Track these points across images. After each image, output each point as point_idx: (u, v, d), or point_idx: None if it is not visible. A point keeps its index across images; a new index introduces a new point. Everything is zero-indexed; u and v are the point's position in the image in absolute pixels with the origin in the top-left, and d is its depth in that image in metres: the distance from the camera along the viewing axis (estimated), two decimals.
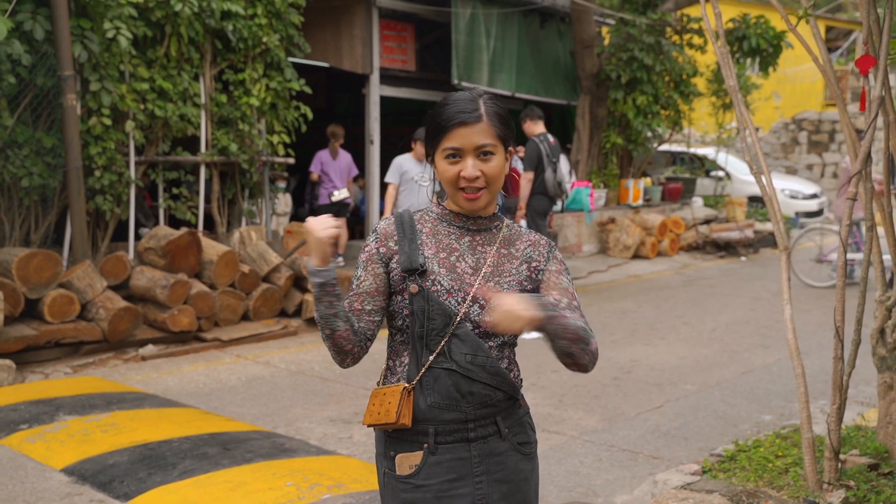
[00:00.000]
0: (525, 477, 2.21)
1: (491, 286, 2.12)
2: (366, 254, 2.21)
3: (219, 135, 9.05)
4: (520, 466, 2.20)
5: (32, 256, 6.97)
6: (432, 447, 2.13)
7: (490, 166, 2.12)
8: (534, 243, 2.24)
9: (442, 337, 2.11)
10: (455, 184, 2.14)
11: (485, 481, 2.15)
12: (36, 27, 7.26)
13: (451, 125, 2.11)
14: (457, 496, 2.13)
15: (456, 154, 2.12)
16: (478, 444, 2.15)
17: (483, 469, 2.15)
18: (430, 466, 2.13)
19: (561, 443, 5.30)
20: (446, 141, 2.12)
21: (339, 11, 11.78)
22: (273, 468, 4.68)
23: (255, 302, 8.37)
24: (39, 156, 7.63)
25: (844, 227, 3.83)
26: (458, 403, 2.12)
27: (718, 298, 10.52)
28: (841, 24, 27.69)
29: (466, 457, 2.14)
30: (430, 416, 2.12)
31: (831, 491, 3.80)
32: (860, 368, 5.36)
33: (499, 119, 2.14)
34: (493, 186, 2.15)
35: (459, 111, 2.11)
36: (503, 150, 2.16)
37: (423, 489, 2.13)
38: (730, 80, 3.95)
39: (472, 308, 2.12)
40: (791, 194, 17.80)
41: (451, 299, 2.12)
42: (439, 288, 2.13)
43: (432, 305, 2.11)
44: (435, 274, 2.14)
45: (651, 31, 13.72)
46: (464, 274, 2.15)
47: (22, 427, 5.40)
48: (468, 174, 2.11)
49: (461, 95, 2.16)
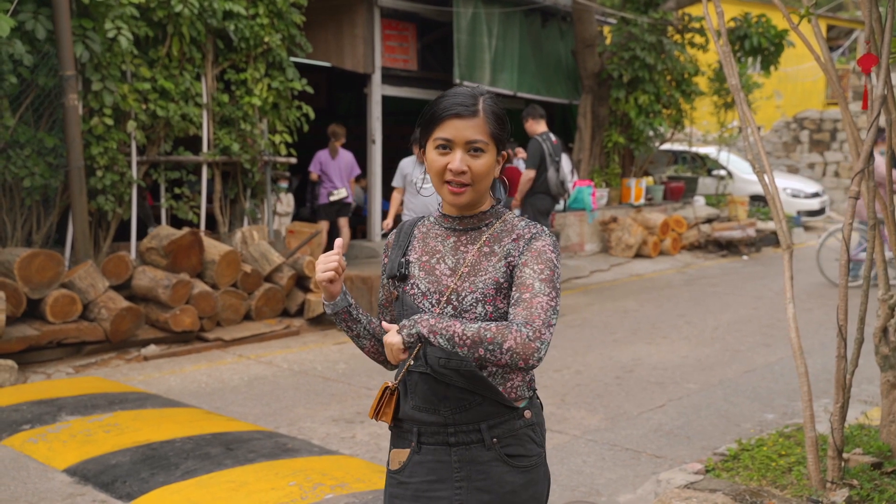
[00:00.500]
0: (513, 490, 2.13)
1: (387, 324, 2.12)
2: (382, 265, 2.32)
3: (221, 135, 9.05)
4: (506, 478, 2.13)
5: (34, 257, 6.97)
6: (416, 447, 2.16)
7: (478, 163, 2.09)
8: (518, 237, 2.13)
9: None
10: (441, 176, 2.11)
11: (465, 488, 2.12)
12: (37, 27, 7.26)
13: (446, 116, 2.09)
14: (435, 498, 2.13)
15: (447, 145, 2.10)
16: (459, 449, 2.13)
17: (463, 475, 2.12)
18: (414, 465, 2.16)
19: (563, 442, 5.30)
20: (439, 131, 2.10)
21: (340, 11, 11.79)
22: (276, 468, 4.68)
23: (257, 302, 8.37)
24: (41, 156, 7.63)
25: (846, 226, 3.82)
26: (436, 406, 2.13)
27: (720, 297, 10.52)
28: (842, 23, 27.66)
29: (447, 461, 2.13)
30: (412, 416, 2.16)
31: (835, 490, 3.79)
32: (863, 367, 5.36)
33: (495, 118, 2.12)
34: (478, 185, 2.11)
35: (457, 103, 2.10)
36: (495, 150, 2.13)
37: (404, 486, 2.17)
38: (732, 78, 3.95)
39: (445, 309, 2.11)
40: (793, 193, 17.78)
41: (425, 302, 2.13)
42: (416, 291, 2.15)
43: (406, 310, 2.15)
44: (415, 278, 2.16)
45: (653, 31, 13.71)
46: (441, 276, 2.15)
47: (24, 427, 5.40)
48: (455, 167, 2.08)
49: (462, 90, 2.15)
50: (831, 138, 21.79)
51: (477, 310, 2.08)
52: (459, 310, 2.10)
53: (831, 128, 21.81)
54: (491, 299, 2.08)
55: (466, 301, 2.09)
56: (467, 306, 2.09)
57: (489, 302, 2.08)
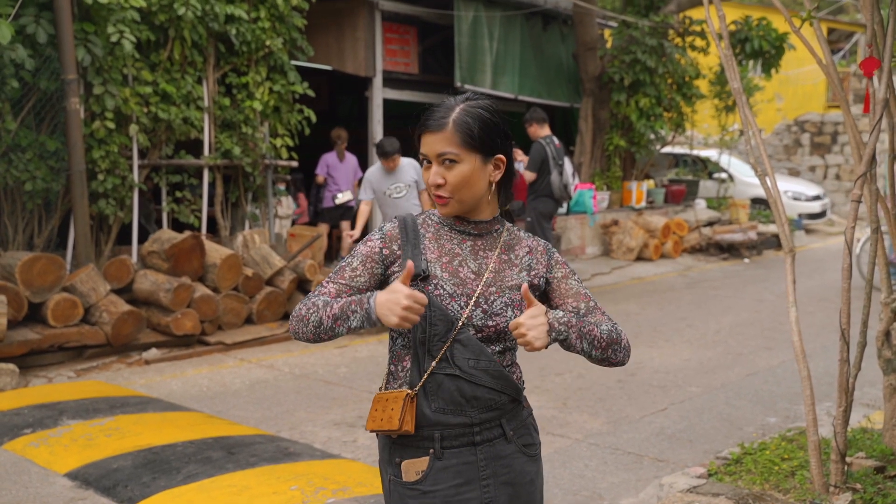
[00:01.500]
0: (531, 479, 2.22)
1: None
2: (367, 248, 2.19)
3: (222, 138, 9.06)
4: (525, 468, 2.21)
5: (36, 260, 6.97)
6: (438, 452, 2.12)
7: (452, 174, 2.13)
8: (532, 250, 2.25)
9: (444, 342, 2.11)
10: (429, 188, 2.19)
11: (492, 485, 2.15)
12: (39, 31, 7.27)
13: (421, 131, 2.18)
14: (464, 501, 2.12)
15: (427, 159, 2.18)
16: (484, 447, 2.15)
17: (490, 472, 2.15)
18: (437, 472, 2.12)
19: (565, 446, 5.29)
20: (420, 146, 2.19)
21: (341, 14, 11.79)
22: (277, 472, 4.67)
23: (258, 305, 8.37)
24: (43, 159, 7.64)
25: (849, 229, 3.82)
26: (462, 408, 2.12)
27: (722, 300, 10.51)
28: (843, 26, 27.68)
29: (473, 461, 2.14)
30: (435, 421, 2.11)
31: (838, 494, 3.78)
32: (865, 371, 5.36)
33: (465, 128, 2.12)
34: (459, 194, 2.15)
35: (429, 118, 2.16)
36: (475, 158, 2.14)
37: (430, 495, 2.12)
38: (734, 82, 3.94)
39: (474, 312, 2.13)
40: (794, 196, 17.78)
41: (453, 304, 2.13)
42: (442, 293, 2.13)
43: (434, 311, 2.10)
44: (438, 279, 2.14)
45: (654, 34, 13.71)
46: (466, 279, 2.16)
47: (25, 431, 5.39)
48: (430, 181, 2.16)
49: (444, 102, 2.19)
50: (832, 141, 21.78)
51: (507, 314, 2.15)
52: (489, 313, 2.14)
53: (832, 131, 21.81)
54: (518, 304, 2.16)
55: (496, 305, 2.15)
56: (497, 310, 2.15)
57: (517, 307, 2.16)
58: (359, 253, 2.19)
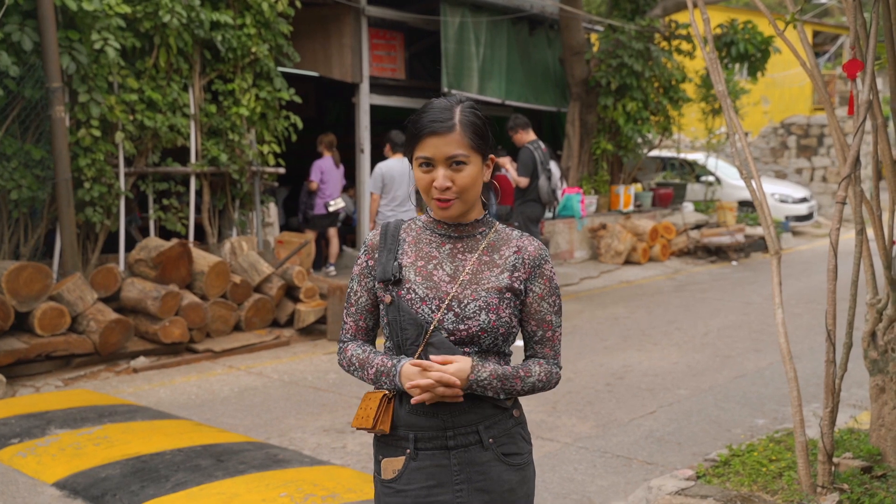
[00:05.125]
0: (510, 488, 2.19)
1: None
2: (358, 267, 2.27)
3: (209, 145, 9.04)
4: (504, 477, 2.18)
5: (22, 269, 6.94)
6: (413, 453, 2.15)
7: (461, 176, 2.11)
8: (520, 250, 2.20)
9: (417, 346, 2.13)
10: (428, 192, 2.15)
11: (465, 490, 2.14)
12: (23, 39, 7.24)
13: (424, 134, 2.12)
14: (436, 503, 2.14)
15: (429, 163, 2.12)
16: (458, 452, 2.15)
17: (464, 478, 2.15)
18: (411, 472, 2.15)
19: (555, 450, 5.30)
20: (419, 150, 2.13)
21: (328, 21, 11.79)
22: (266, 479, 4.66)
23: (246, 312, 8.35)
24: (28, 168, 7.60)
25: (834, 230, 3.83)
26: (435, 410, 2.13)
27: (710, 303, 10.54)
28: (828, 29, 27.84)
29: (446, 464, 2.15)
30: (408, 422, 2.15)
31: (825, 494, 3.80)
32: (852, 371, 5.38)
33: (473, 129, 2.12)
34: (465, 196, 2.14)
35: (432, 120, 2.11)
36: (479, 159, 2.14)
37: (403, 494, 2.15)
38: (719, 85, 3.96)
39: (446, 316, 2.13)
40: (781, 198, 17.86)
41: (424, 307, 2.13)
42: (413, 296, 2.14)
43: (403, 315, 2.14)
44: (411, 283, 2.15)
45: (640, 38, 13.77)
46: (440, 282, 2.15)
47: (13, 441, 5.36)
48: (439, 184, 2.11)
49: (438, 103, 2.16)
50: (818, 143, 21.89)
51: (480, 318, 2.12)
52: (461, 317, 2.12)
53: (818, 133, 21.91)
54: (494, 308, 2.13)
55: (469, 308, 2.12)
56: (470, 314, 2.12)
57: (492, 311, 2.13)
58: (355, 275, 2.27)
